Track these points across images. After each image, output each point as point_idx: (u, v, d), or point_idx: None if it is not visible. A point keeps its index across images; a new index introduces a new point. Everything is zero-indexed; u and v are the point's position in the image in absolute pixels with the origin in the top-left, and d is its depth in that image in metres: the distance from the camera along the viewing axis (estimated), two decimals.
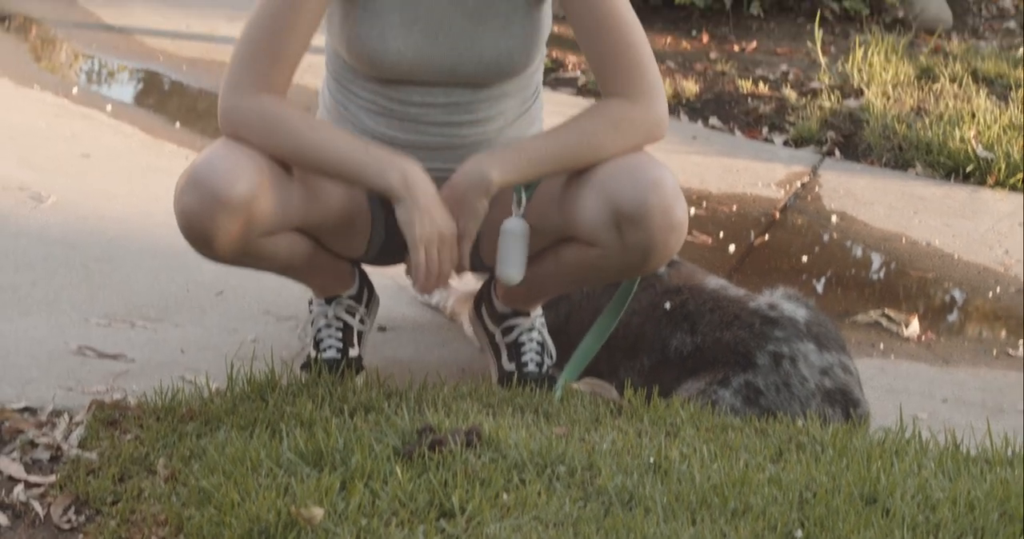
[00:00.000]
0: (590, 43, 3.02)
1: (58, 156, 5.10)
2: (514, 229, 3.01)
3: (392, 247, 3.24)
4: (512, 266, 3.01)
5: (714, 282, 3.47)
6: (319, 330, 3.36)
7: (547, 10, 3.12)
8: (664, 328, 3.35)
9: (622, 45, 3.00)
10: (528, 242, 3.01)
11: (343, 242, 3.22)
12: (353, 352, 3.36)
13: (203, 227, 2.88)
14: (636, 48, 3.00)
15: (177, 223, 2.93)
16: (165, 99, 6.14)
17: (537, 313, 3.39)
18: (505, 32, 3.06)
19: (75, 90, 6.02)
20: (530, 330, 3.37)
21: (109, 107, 5.80)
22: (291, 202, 2.98)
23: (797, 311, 3.35)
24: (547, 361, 3.36)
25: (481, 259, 3.22)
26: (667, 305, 3.37)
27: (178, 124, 5.71)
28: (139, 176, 4.94)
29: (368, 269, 3.46)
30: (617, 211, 2.90)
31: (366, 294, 3.42)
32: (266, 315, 3.83)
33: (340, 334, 3.35)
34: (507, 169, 2.93)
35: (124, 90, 6.31)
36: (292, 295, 3.82)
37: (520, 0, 3.07)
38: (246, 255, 2.99)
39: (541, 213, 3.05)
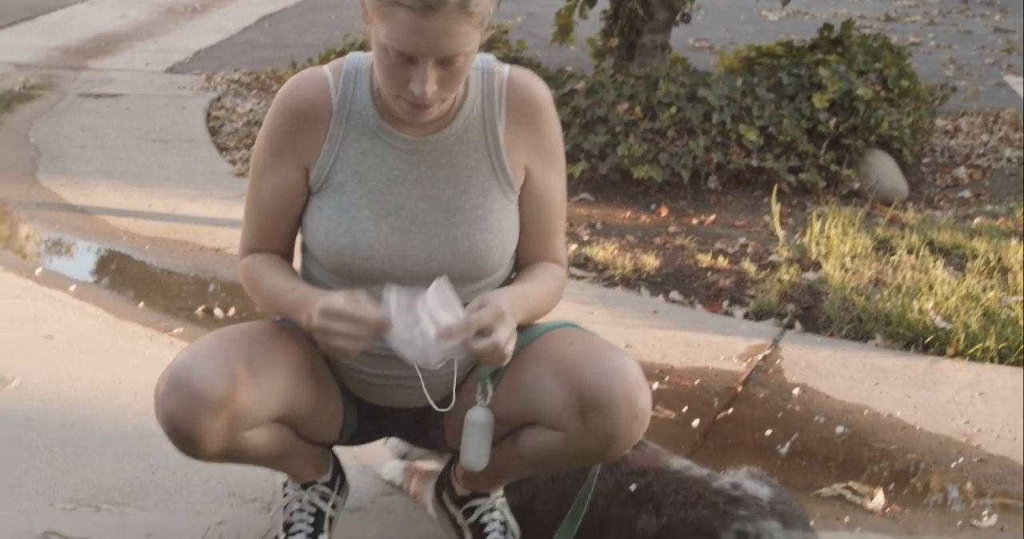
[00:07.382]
0: (529, 219, 3.19)
1: (22, 338, 5.12)
2: (479, 419, 3.05)
3: (364, 428, 3.28)
4: (476, 455, 3.04)
5: (678, 463, 3.49)
6: (291, 514, 3.37)
7: (516, 207, 3.18)
8: (630, 509, 3.35)
9: (557, 225, 3.23)
10: (492, 431, 3.04)
11: (318, 427, 3.25)
12: (322, 538, 3.36)
13: (188, 428, 2.93)
14: (561, 225, 3.24)
15: (161, 426, 2.98)
16: (128, 279, 6.16)
17: (498, 493, 3.40)
18: (481, 224, 3.10)
19: (38, 271, 6.04)
20: (491, 510, 3.38)
21: (73, 288, 5.82)
22: (270, 393, 3.02)
23: (761, 489, 3.37)
24: None
25: (446, 442, 3.26)
26: (632, 487, 3.38)
27: (142, 304, 5.72)
28: (103, 358, 4.95)
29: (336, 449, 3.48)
30: (582, 397, 2.93)
31: (339, 480, 3.43)
32: (232, 497, 3.82)
33: (312, 519, 3.36)
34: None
35: (87, 270, 6.33)
36: (257, 477, 3.82)
37: (496, 192, 3.12)
38: (232, 451, 3.04)
39: (504, 401, 3.07)
